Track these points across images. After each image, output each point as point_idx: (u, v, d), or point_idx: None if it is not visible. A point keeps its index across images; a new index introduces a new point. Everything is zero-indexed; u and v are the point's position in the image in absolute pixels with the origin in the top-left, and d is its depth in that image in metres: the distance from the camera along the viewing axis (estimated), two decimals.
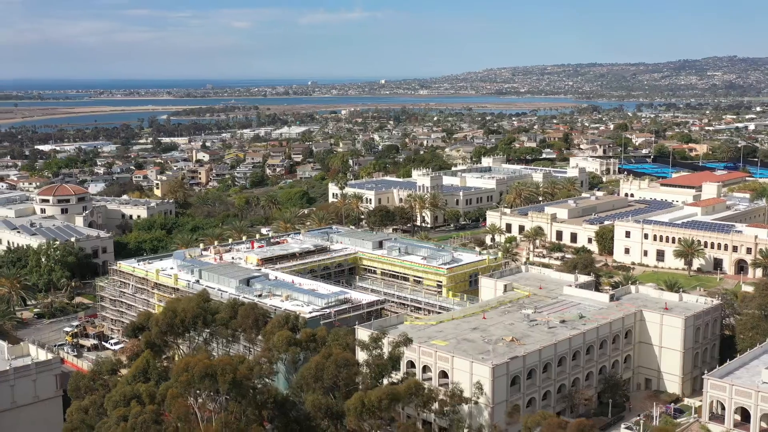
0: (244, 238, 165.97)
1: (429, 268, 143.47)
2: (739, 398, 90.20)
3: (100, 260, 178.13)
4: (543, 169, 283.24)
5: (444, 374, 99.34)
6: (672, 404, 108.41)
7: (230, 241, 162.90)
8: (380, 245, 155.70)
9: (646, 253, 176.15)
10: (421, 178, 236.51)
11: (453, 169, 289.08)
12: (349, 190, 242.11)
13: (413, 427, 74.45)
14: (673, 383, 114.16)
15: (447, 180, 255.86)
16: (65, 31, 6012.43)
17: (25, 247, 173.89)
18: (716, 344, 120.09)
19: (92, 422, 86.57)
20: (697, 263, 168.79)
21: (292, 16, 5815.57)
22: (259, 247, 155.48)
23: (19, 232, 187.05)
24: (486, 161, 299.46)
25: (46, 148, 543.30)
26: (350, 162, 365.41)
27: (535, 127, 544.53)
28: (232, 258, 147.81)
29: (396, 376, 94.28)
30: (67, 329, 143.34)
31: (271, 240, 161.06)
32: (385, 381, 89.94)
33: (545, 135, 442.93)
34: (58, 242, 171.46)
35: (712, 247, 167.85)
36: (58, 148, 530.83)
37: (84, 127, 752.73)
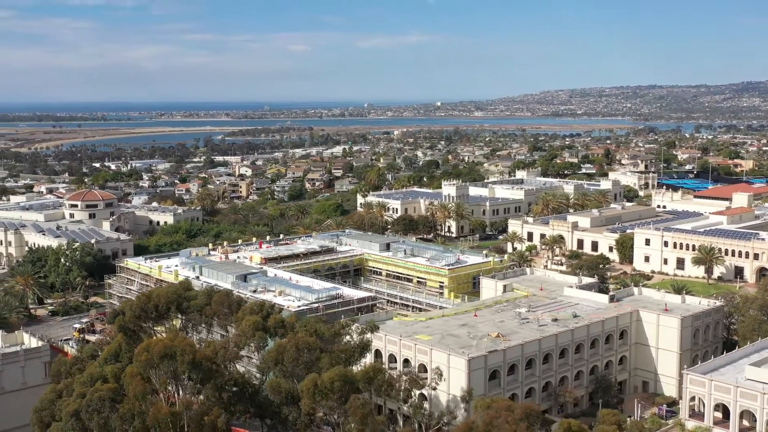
0: (254, 239, 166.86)
1: (431, 269, 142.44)
2: (719, 394, 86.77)
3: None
4: (574, 181, 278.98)
5: (423, 368, 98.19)
6: (665, 406, 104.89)
7: (239, 242, 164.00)
8: (387, 247, 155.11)
9: (666, 261, 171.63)
10: (447, 187, 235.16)
11: (485, 181, 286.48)
12: (374, 200, 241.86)
13: (365, 407, 73.09)
14: (669, 386, 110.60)
15: (476, 191, 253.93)
16: (129, 55, 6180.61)
17: (45, 247, 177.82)
18: (718, 347, 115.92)
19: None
20: (717, 271, 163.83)
21: (350, 40, 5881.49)
22: (267, 247, 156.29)
23: (44, 234, 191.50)
24: (520, 174, 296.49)
25: (110, 166, 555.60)
26: (389, 176, 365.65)
27: (574, 143, 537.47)
28: (237, 257, 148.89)
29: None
30: (76, 325, 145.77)
31: (281, 241, 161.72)
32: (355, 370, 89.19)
33: (588, 151, 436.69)
34: (77, 243, 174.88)
35: (733, 254, 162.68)
36: (113, 165, 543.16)
37: (142, 147, 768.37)
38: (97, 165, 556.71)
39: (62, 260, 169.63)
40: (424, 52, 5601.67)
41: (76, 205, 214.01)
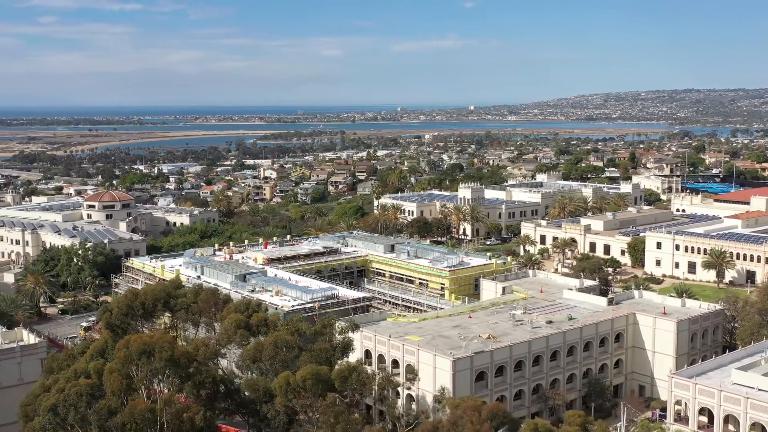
0: (260, 240, 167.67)
1: (433, 271, 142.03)
2: (703, 398, 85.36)
3: None
4: (593, 184, 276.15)
5: (411, 368, 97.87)
6: (658, 410, 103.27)
7: (245, 243, 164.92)
8: (391, 249, 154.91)
9: (677, 265, 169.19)
10: (462, 190, 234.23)
11: (504, 184, 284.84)
12: (390, 202, 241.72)
13: (336, 406, 72.99)
14: (665, 390, 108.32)
15: (494, 194, 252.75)
16: (165, 59, 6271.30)
17: (59, 247, 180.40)
18: (718, 351, 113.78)
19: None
20: (729, 275, 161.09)
21: (384, 44, 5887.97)
22: (272, 248, 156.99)
23: (60, 234, 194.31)
24: (540, 177, 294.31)
25: (139, 168, 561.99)
26: (412, 179, 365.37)
27: (605, 147, 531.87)
28: (242, 257, 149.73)
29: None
30: (84, 324, 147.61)
31: (287, 242, 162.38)
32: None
33: (615, 155, 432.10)
34: (90, 243, 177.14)
35: (745, 259, 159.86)
36: (142, 168, 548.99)
37: (175, 150, 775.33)
38: (136, 168, 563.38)
39: (74, 260, 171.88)
40: (460, 56, 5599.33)
41: (93, 206, 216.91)
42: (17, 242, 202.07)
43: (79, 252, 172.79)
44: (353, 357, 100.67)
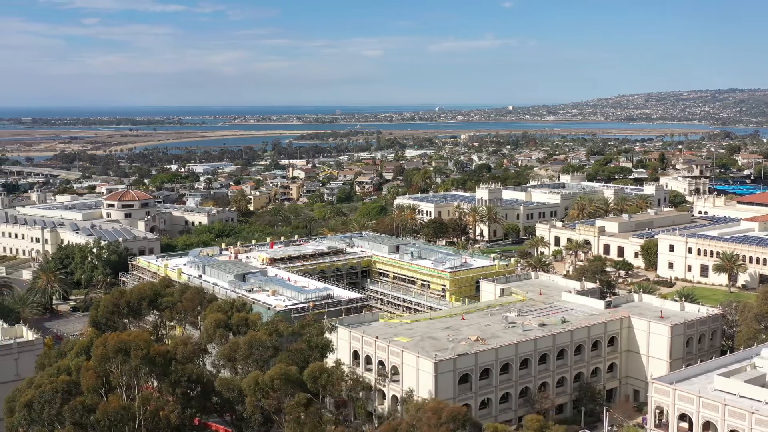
0: (267, 240, 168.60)
1: (434, 272, 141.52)
2: (682, 404, 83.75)
3: None
4: (616, 185, 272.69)
5: (396, 369, 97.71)
6: (647, 416, 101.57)
7: (253, 242, 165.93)
8: (396, 249, 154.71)
9: (689, 268, 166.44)
10: (480, 191, 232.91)
11: (526, 185, 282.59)
12: (407, 203, 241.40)
13: (301, 406, 73.16)
14: None
15: (514, 195, 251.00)
16: (206, 60, 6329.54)
17: (74, 245, 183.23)
18: (716, 356, 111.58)
19: None
20: (742, 279, 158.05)
21: (422, 44, 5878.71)
22: (279, 248, 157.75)
23: (77, 232, 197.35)
24: (564, 178, 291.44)
25: (172, 167, 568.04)
26: (438, 179, 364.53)
27: (642, 148, 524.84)
28: (247, 257, 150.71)
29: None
30: None
31: (294, 242, 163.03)
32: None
33: (645, 156, 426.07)
34: (104, 242, 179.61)
35: (758, 262, 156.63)
36: (173, 167, 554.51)
37: (212, 149, 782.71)
38: (172, 167, 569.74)
39: (88, 258, 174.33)
40: (498, 56, 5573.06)
41: (113, 205, 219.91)
42: (37, 240, 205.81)
43: (93, 250, 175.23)
44: (344, 357, 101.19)
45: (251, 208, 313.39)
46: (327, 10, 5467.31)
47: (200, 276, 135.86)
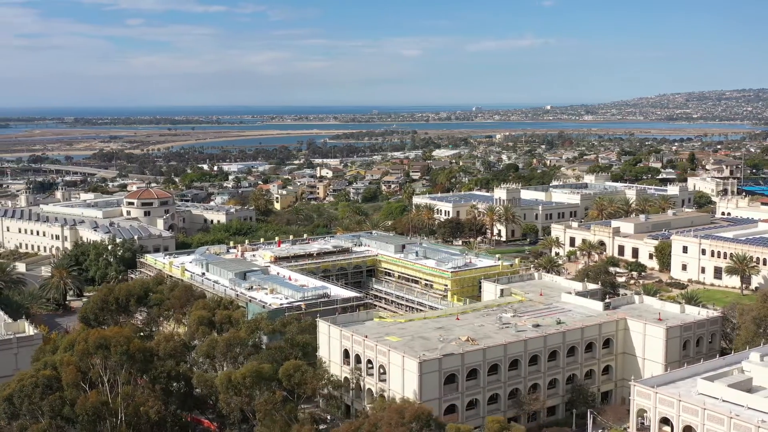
0: (275, 239, 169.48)
1: (436, 272, 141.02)
2: (663, 408, 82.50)
3: None
4: (639, 186, 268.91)
5: (383, 369, 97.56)
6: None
7: (261, 240, 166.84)
8: (402, 249, 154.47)
9: (703, 270, 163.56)
10: (498, 191, 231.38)
11: (547, 185, 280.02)
12: (424, 202, 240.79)
13: (270, 404, 73.38)
14: None
15: (533, 194, 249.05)
16: (246, 60, 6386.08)
17: (90, 242, 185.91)
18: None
19: None
20: (755, 281, 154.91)
21: (461, 43, 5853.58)
22: (285, 246, 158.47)
23: (96, 230, 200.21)
24: (588, 178, 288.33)
25: (204, 166, 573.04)
26: (465, 179, 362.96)
27: (670, 148, 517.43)
28: (253, 255, 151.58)
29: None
30: None
31: (303, 241, 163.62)
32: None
33: (676, 156, 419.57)
34: (119, 239, 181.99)
35: None
36: (205, 166, 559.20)
37: (247, 149, 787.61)
38: (203, 166, 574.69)
39: (103, 255, 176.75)
40: (537, 55, 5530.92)
41: (132, 203, 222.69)
42: (57, 237, 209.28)
43: (108, 248, 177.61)
44: (334, 356, 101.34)
45: (277, 206, 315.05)
46: (367, 10, 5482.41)
47: (203, 273, 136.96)
